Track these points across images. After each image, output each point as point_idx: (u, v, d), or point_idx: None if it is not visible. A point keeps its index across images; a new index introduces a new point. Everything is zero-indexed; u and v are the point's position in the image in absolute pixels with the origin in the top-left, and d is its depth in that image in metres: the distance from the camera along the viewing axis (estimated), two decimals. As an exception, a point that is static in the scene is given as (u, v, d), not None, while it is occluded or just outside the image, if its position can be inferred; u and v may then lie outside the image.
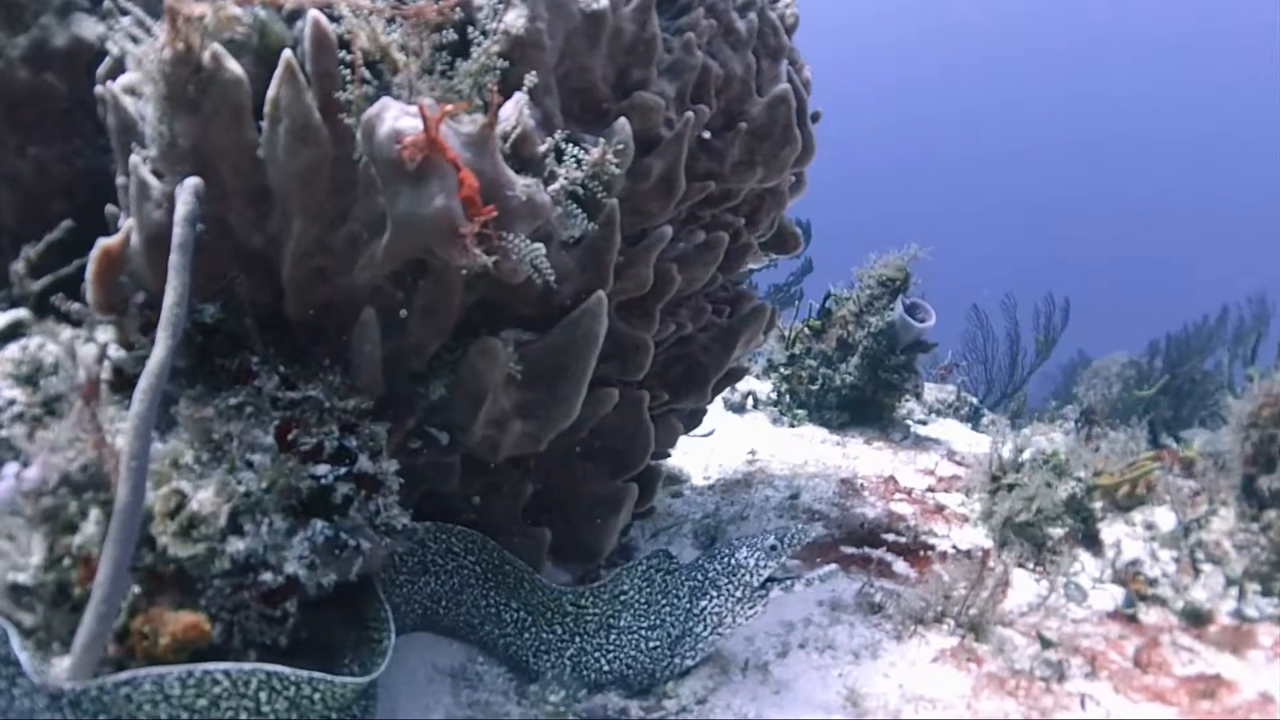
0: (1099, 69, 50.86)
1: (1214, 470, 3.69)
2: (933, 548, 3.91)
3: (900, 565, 3.78)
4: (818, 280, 7.39)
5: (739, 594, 2.60)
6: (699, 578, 2.63)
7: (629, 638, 2.57)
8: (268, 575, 1.91)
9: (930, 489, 4.75)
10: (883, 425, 5.71)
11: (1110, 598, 3.44)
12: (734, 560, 2.62)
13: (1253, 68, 45.43)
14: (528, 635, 2.57)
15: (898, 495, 4.61)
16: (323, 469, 2.02)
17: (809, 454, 5.30)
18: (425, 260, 2.13)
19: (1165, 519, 3.74)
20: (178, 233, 1.80)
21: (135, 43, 2.09)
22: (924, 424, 6.05)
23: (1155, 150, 49.29)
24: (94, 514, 1.92)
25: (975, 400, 6.92)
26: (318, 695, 1.86)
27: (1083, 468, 3.88)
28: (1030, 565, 3.74)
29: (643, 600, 2.59)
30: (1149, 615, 3.33)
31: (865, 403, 5.71)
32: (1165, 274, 39.58)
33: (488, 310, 2.34)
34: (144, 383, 1.66)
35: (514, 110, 2.00)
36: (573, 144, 2.03)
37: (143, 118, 2.14)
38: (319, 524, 1.97)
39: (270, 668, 1.80)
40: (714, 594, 2.60)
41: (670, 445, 3.20)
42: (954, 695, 2.73)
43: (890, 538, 3.98)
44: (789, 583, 2.65)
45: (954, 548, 3.93)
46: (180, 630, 1.81)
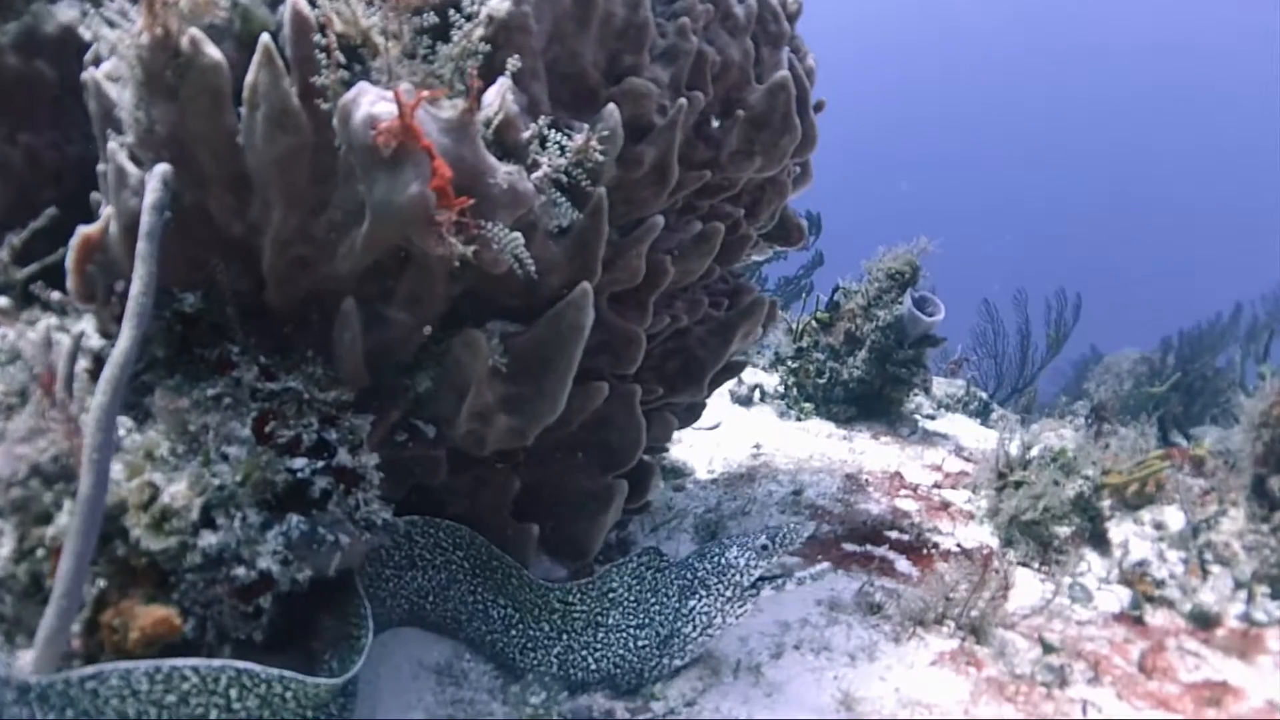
0: (1114, 67, 50.53)
1: (1224, 469, 3.62)
2: (936, 546, 3.85)
3: (903, 564, 3.72)
4: (828, 274, 7.33)
5: (729, 594, 2.55)
6: (688, 577, 2.57)
7: (617, 636, 2.52)
8: (240, 570, 1.87)
9: (936, 485, 4.69)
10: (890, 420, 5.65)
11: (1116, 599, 3.38)
12: (724, 560, 2.57)
13: (1269, 69, 44.92)
14: (514, 632, 2.53)
15: (903, 491, 4.54)
16: (300, 462, 1.98)
17: (814, 448, 5.24)
18: (408, 250, 2.09)
19: (1174, 519, 3.68)
20: (145, 220, 1.76)
21: (111, 27, 2.04)
22: (932, 419, 5.98)
23: (1169, 147, 48.93)
24: (68, 505, 1.89)
25: (985, 395, 6.84)
26: (290, 694, 1.82)
27: (1091, 465, 3.81)
28: (1035, 565, 3.68)
29: (632, 598, 2.54)
30: (1155, 617, 3.27)
31: (873, 397, 5.65)
32: (1178, 271, 39.30)
33: (474, 301, 2.29)
34: (107, 372, 1.62)
35: (497, 96, 1.94)
36: (557, 130, 1.97)
37: (109, 97, 2.10)
38: (294, 518, 1.93)
39: (240, 665, 1.76)
40: (703, 594, 2.55)
41: (665, 440, 3.15)
42: (951, 700, 2.67)
43: (893, 535, 3.93)
44: (780, 581, 2.59)
45: (958, 546, 3.87)
46: (150, 624, 1.78)
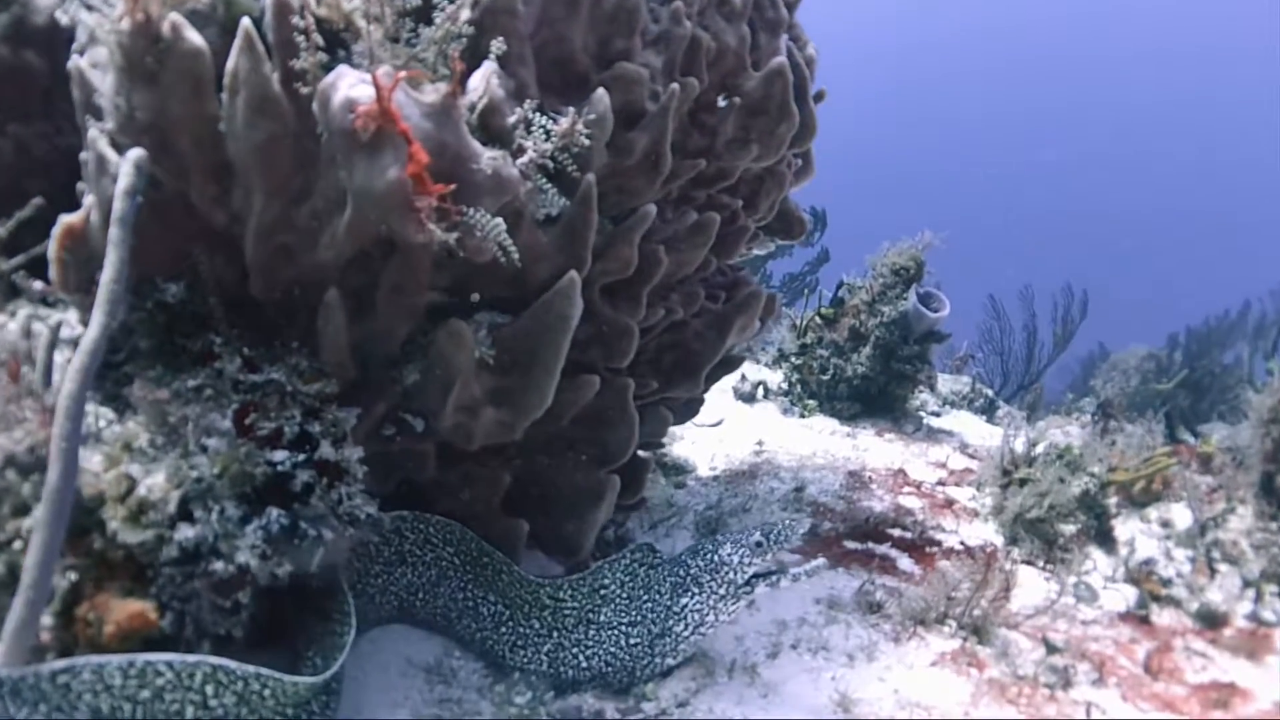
0: (1120, 64, 50.30)
1: (1232, 467, 3.56)
2: (939, 544, 3.80)
3: (905, 562, 3.66)
4: (834, 270, 7.27)
5: (722, 591, 2.49)
6: (681, 574, 2.52)
7: (608, 634, 2.47)
8: (219, 564, 1.83)
9: (941, 482, 4.63)
10: (895, 417, 5.59)
11: (1122, 598, 3.32)
12: (718, 557, 2.51)
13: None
14: (504, 629, 2.48)
15: (906, 489, 4.49)
16: (281, 455, 1.93)
17: (818, 445, 5.18)
18: (393, 238, 2.04)
19: (1181, 516, 3.62)
20: (117, 206, 1.72)
21: (89, 10, 2.00)
22: (937, 416, 5.92)
23: (1177, 144, 48.73)
24: (46, 497, 1.85)
25: (991, 392, 6.76)
26: (267, 691, 1.78)
27: (1097, 462, 3.75)
28: (1040, 563, 3.63)
29: (624, 595, 2.49)
30: (1162, 617, 3.21)
31: (877, 393, 5.59)
32: (1185, 268, 39.17)
33: (463, 292, 2.24)
34: (77, 360, 1.58)
35: (482, 80, 1.89)
36: (543, 114, 1.92)
37: (93, 85, 2.07)
38: (274, 512, 1.88)
39: (216, 661, 1.72)
40: (696, 591, 2.50)
41: (660, 435, 3.09)
42: (951, 701, 2.62)
43: (896, 533, 3.87)
44: (775, 578, 2.54)
45: (962, 544, 3.81)
46: (125, 618, 1.74)
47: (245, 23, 1.90)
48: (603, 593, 2.48)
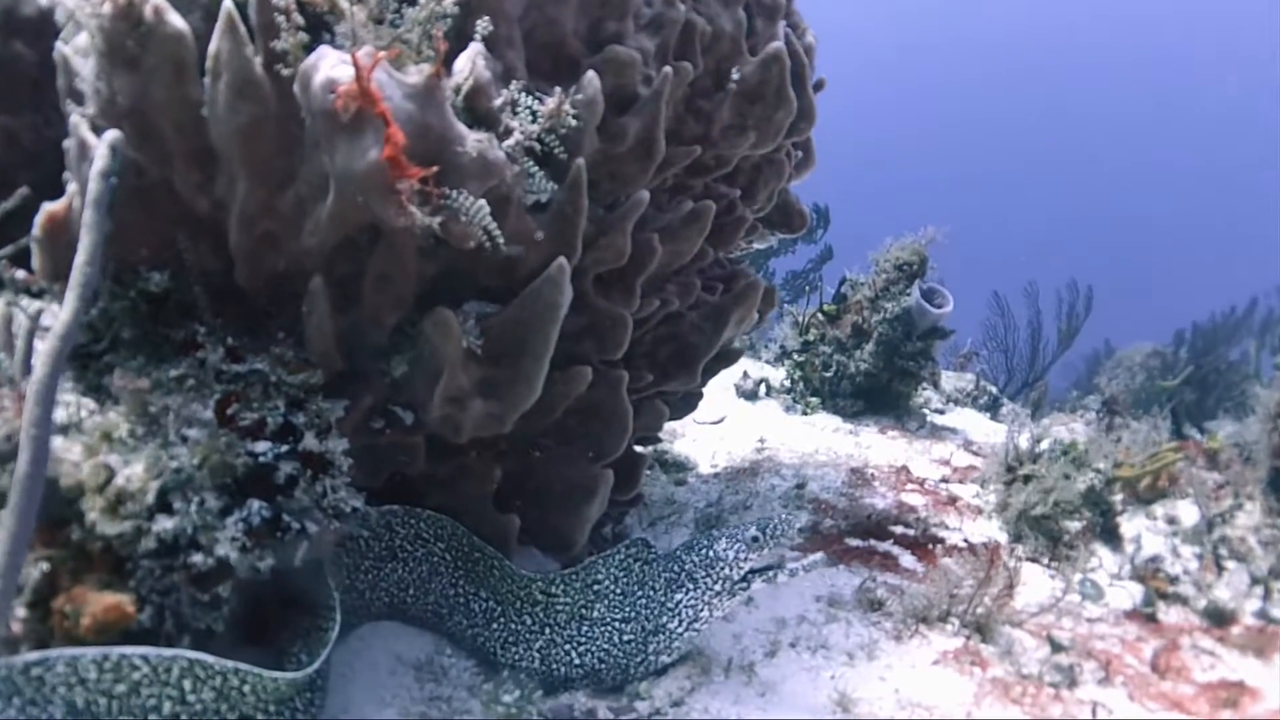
0: (1123, 73, 50.18)
1: (1240, 462, 3.51)
2: (943, 541, 3.74)
3: (907, 559, 3.61)
4: (838, 268, 7.21)
5: (717, 588, 2.44)
6: (676, 569, 2.47)
7: (602, 630, 2.42)
8: (198, 556, 1.78)
9: (944, 480, 4.58)
10: (898, 414, 5.53)
11: (1128, 596, 3.27)
12: (713, 552, 2.46)
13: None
14: (496, 626, 2.43)
15: (910, 486, 4.44)
16: (263, 446, 1.89)
17: (820, 443, 5.13)
18: (378, 225, 2.00)
19: (1188, 513, 3.56)
20: (92, 188, 1.68)
21: (71, -6, 1.97)
22: (941, 413, 5.86)
23: (1185, 140, 48.58)
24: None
25: (995, 389, 6.70)
26: (247, 687, 1.74)
27: (1102, 458, 3.69)
28: (1045, 560, 3.58)
29: (618, 591, 2.44)
30: (1169, 615, 3.15)
31: (880, 391, 5.53)
32: (1191, 265, 39.04)
33: (452, 281, 2.20)
34: (48, 345, 1.54)
35: (467, 62, 1.85)
36: (528, 95, 1.88)
37: (76, 72, 2.03)
38: (256, 504, 1.84)
39: (192, 655, 1.68)
40: (691, 587, 2.44)
41: (656, 429, 3.04)
42: (954, 701, 2.56)
43: (899, 530, 3.82)
44: (771, 573, 2.49)
45: (965, 541, 3.76)
46: (101, 611, 1.70)
47: (227, 4, 1.87)
48: (596, 588, 2.43)
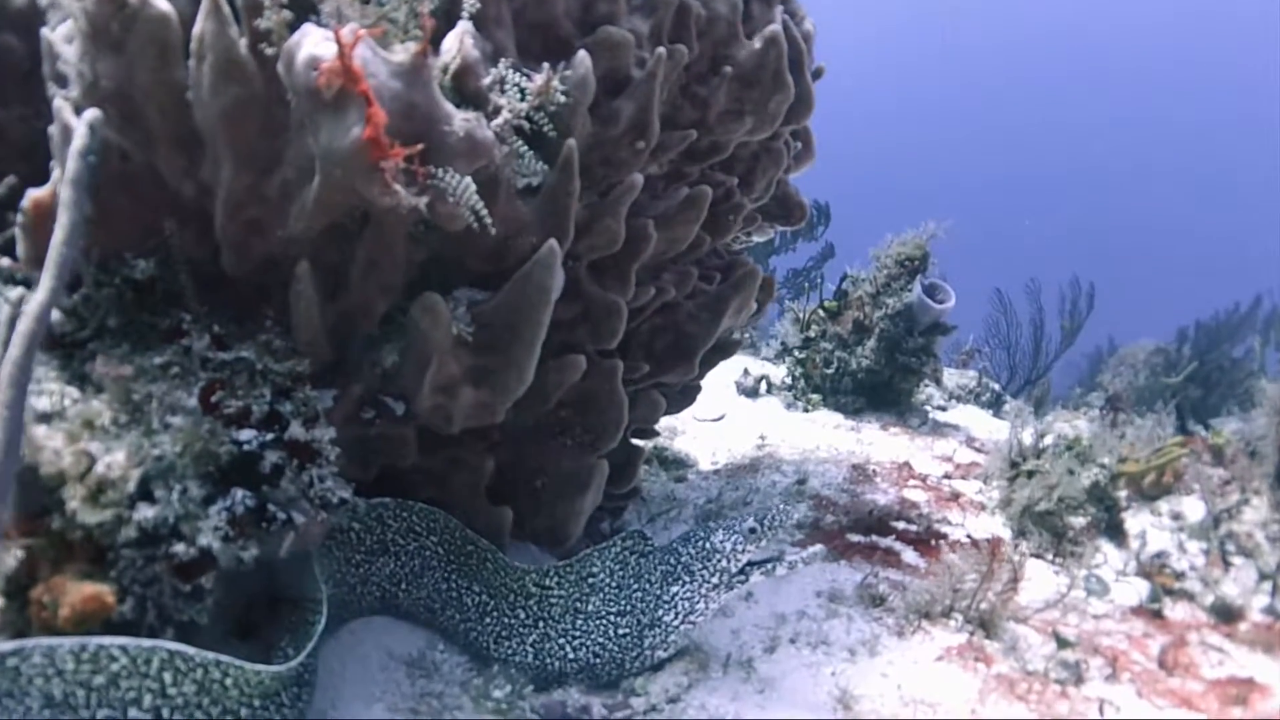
0: (1122, 55, 50.05)
1: (1246, 457, 3.44)
2: (945, 536, 3.69)
3: (910, 555, 3.56)
4: (840, 266, 7.17)
5: (714, 580, 2.39)
6: (672, 562, 2.42)
7: (597, 623, 2.37)
8: (180, 546, 1.74)
9: (947, 476, 4.53)
10: (900, 411, 5.48)
11: (1134, 592, 3.22)
12: (709, 544, 2.41)
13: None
14: (489, 620, 2.38)
15: (912, 482, 4.39)
16: (248, 434, 1.85)
17: (821, 439, 5.09)
18: (366, 210, 1.96)
19: (1193, 509, 3.52)
20: (70, 166, 1.64)
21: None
22: (943, 410, 5.81)
23: (1190, 137, 48.51)
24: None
25: (997, 386, 6.64)
26: (230, 680, 1.69)
27: (1107, 454, 3.64)
28: (1049, 556, 3.53)
29: (613, 584, 2.39)
30: (1175, 611, 3.10)
31: (882, 387, 5.48)
32: (1193, 264, 38.98)
33: (442, 268, 2.16)
34: (22, 326, 1.50)
35: (455, 41, 1.81)
36: (517, 72, 1.83)
37: (60, 56, 1.99)
38: (240, 493, 1.80)
39: (172, 646, 1.63)
40: (687, 580, 2.39)
41: (653, 421, 2.99)
42: (958, 698, 2.50)
43: (901, 525, 3.77)
44: (770, 566, 2.43)
45: (968, 537, 3.71)
46: (80, 601, 1.66)
47: (211, -17, 1.83)
48: (591, 581, 2.38)
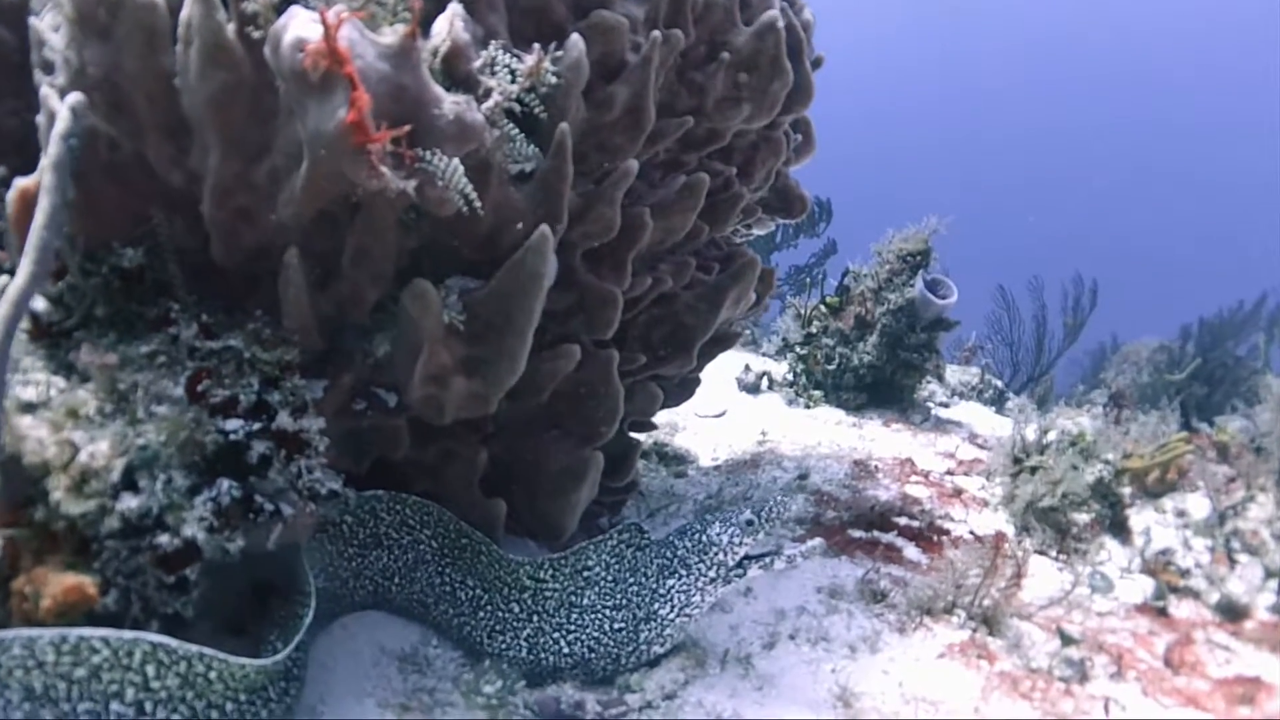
0: (1128, 52, 49.92)
1: (1251, 454, 3.40)
2: (948, 533, 3.65)
3: (911, 551, 3.52)
4: (842, 263, 7.13)
5: (711, 574, 2.35)
6: (668, 556, 2.38)
7: (592, 618, 2.33)
8: (164, 537, 1.70)
9: (949, 472, 4.48)
10: (902, 407, 5.44)
11: (1139, 589, 3.17)
12: (706, 537, 2.37)
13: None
14: (482, 614, 2.35)
15: (914, 478, 4.35)
16: (234, 424, 1.81)
17: (823, 435, 5.05)
18: (356, 196, 1.92)
19: (1198, 506, 3.46)
20: (51, 151, 1.61)
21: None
22: (946, 406, 5.76)
23: (1189, 138, 48.40)
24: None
25: (1000, 383, 6.59)
26: (214, 674, 1.66)
27: (1111, 450, 3.60)
28: (1053, 553, 3.49)
29: (609, 577, 2.35)
30: (1180, 609, 3.06)
31: (884, 383, 5.44)
32: (1199, 260, 38.88)
33: (435, 256, 2.12)
34: (1, 311, 1.47)
35: (446, 23, 1.77)
36: (507, 53, 1.80)
37: (48, 44, 1.96)
38: (226, 483, 1.76)
39: (155, 638, 1.60)
40: (683, 573, 2.35)
41: (650, 413, 2.95)
42: (960, 696, 2.46)
43: (903, 521, 3.73)
44: (768, 560, 2.40)
45: (971, 533, 3.67)
46: (61, 593, 1.63)
47: (198, -34, 1.79)
48: (586, 574, 2.34)
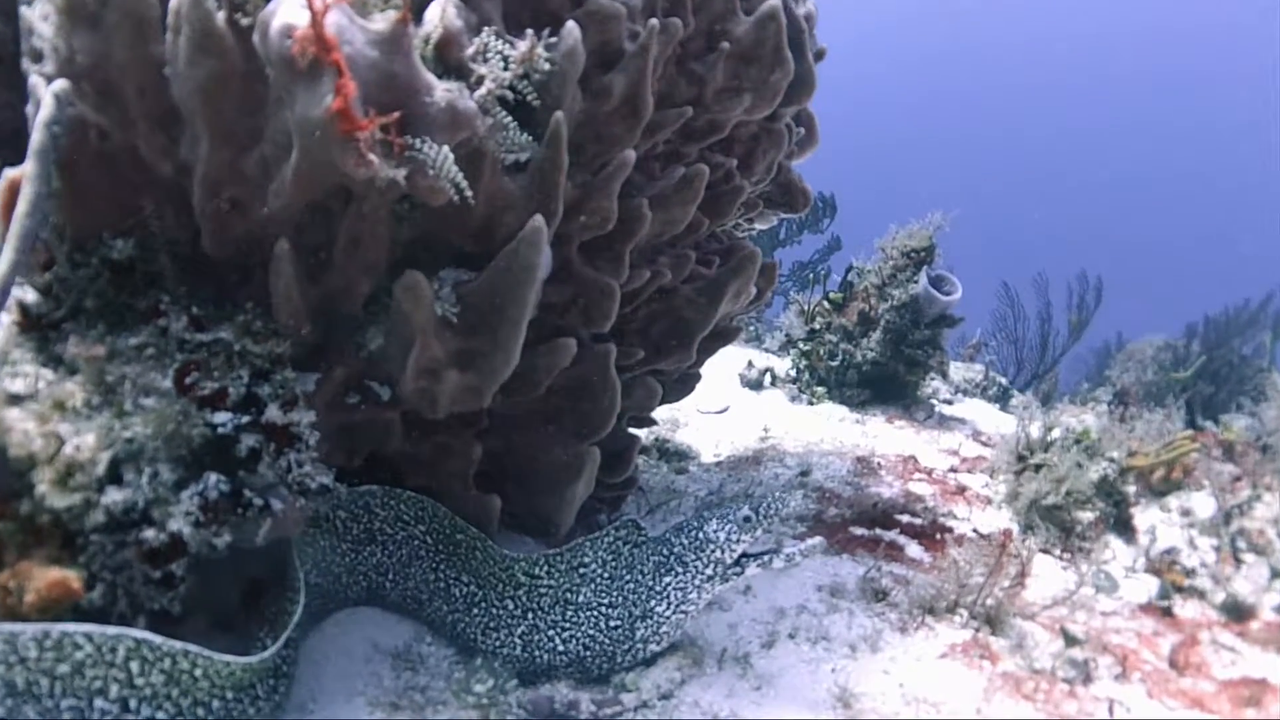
0: (1134, 51, 49.73)
1: (1257, 453, 3.36)
2: (951, 531, 3.62)
3: (914, 549, 3.49)
4: (845, 259, 7.10)
5: (708, 571, 2.32)
6: (665, 552, 2.35)
7: (587, 615, 2.30)
8: (150, 532, 1.68)
9: (953, 469, 4.45)
10: (906, 404, 5.40)
11: (1143, 589, 3.14)
12: (703, 534, 2.34)
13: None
14: (477, 611, 2.32)
15: (917, 475, 4.31)
16: (223, 417, 1.79)
17: (825, 432, 5.01)
18: (348, 187, 1.89)
19: (1204, 505, 3.43)
20: (35, 138, 1.59)
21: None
22: (949, 403, 5.73)
23: (1190, 143, 48.26)
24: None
25: (1004, 381, 6.55)
26: (199, 671, 1.63)
27: (1116, 448, 3.56)
28: (1057, 552, 3.46)
29: (605, 574, 2.32)
30: (1185, 609, 3.02)
31: (887, 380, 5.40)
32: (1203, 259, 38.77)
33: (428, 247, 2.09)
34: (-20, 300, 1.44)
35: (438, 10, 1.74)
36: (500, 39, 1.76)
37: (37, 32, 1.93)
38: (213, 477, 1.73)
39: (139, 634, 1.57)
40: (680, 570, 2.32)
41: (649, 409, 2.92)
42: (962, 697, 2.42)
43: (905, 519, 3.69)
44: (767, 558, 2.36)
45: (975, 531, 3.63)
46: (45, 587, 1.60)
47: (186, -49, 1.76)
48: (582, 571, 2.31)
